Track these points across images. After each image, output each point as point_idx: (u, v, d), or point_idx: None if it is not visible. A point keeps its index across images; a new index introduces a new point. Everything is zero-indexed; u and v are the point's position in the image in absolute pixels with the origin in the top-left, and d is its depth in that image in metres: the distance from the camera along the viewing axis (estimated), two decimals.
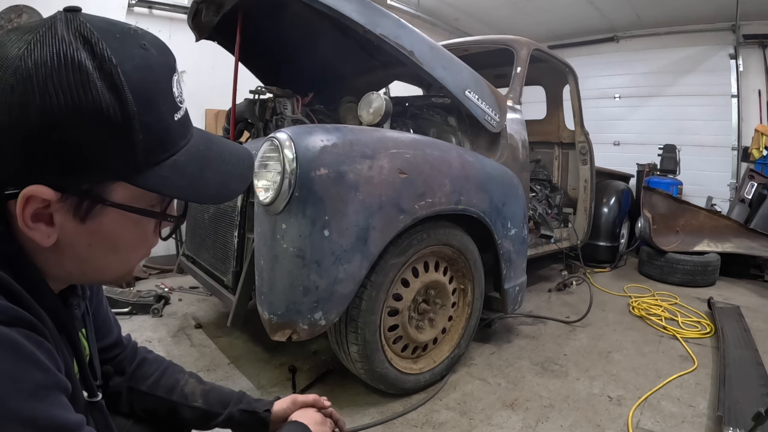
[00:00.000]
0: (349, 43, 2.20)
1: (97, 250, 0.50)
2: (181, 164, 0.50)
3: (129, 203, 0.49)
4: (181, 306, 2.66)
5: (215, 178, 0.54)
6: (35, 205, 0.44)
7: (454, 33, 6.11)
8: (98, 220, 0.48)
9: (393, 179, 1.51)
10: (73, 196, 0.45)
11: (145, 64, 0.46)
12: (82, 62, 0.41)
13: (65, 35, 0.42)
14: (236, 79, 2.17)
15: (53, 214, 0.46)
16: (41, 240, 0.46)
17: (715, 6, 4.94)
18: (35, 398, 0.40)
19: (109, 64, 0.43)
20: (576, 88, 3.45)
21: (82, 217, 0.47)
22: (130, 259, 0.55)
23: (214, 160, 0.55)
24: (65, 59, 0.41)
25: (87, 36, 0.43)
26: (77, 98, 0.41)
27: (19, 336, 0.41)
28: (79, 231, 0.48)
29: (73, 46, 0.42)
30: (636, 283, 3.54)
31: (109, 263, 0.53)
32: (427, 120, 2.42)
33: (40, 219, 0.45)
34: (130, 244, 0.53)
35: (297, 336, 1.43)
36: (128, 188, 0.48)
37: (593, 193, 3.54)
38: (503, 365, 2.06)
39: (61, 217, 0.46)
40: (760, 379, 1.85)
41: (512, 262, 2.05)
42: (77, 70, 0.41)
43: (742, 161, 5.27)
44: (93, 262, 0.51)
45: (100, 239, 0.49)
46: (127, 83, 0.43)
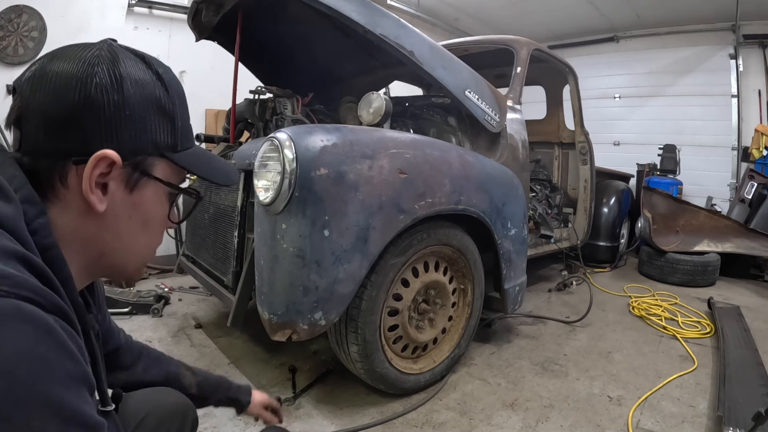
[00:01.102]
0: (349, 43, 2.20)
1: (133, 224, 0.59)
2: (198, 154, 0.65)
3: (166, 179, 0.60)
4: (181, 306, 2.66)
5: (219, 167, 0.69)
6: (102, 168, 0.52)
7: (454, 33, 6.11)
8: (141, 192, 0.58)
9: (393, 179, 1.51)
10: (129, 166, 0.55)
11: (172, 75, 0.62)
12: (140, 64, 0.57)
13: (124, 49, 0.57)
14: (236, 79, 2.17)
15: (109, 183, 0.54)
16: (97, 204, 0.53)
17: (715, 6, 4.94)
18: (64, 386, 0.41)
19: (158, 68, 0.58)
20: (576, 88, 3.45)
21: (131, 187, 0.56)
22: (152, 242, 0.64)
23: (214, 158, 0.70)
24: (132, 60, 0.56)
25: (136, 51, 0.58)
26: (144, 86, 0.55)
27: (55, 323, 0.43)
28: (125, 201, 0.56)
29: (132, 55, 0.57)
30: (636, 283, 3.54)
31: (137, 241, 0.61)
32: (427, 120, 2.42)
33: (99, 186, 0.53)
34: (156, 222, 0.62)
35: (297, 336, 1.42)
36: (166, 167, 0.60)
37: (593, 193, 3.54)
38: (503, 365, 2.06)
39: (115, 186, 0.55)
40: (760, 379, 1.85)
41: (512, 262, 2.05)
42: (141, 68, 0.56)
43: (742, 161, 5.27)
44: (127, 238, 0.59)
45: (138, 212, 0.58)
46: (169, 83, 0.59)
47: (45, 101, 0.51)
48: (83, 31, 3.77)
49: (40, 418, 0.38)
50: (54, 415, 0.40)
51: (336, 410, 1.66)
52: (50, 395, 0.40)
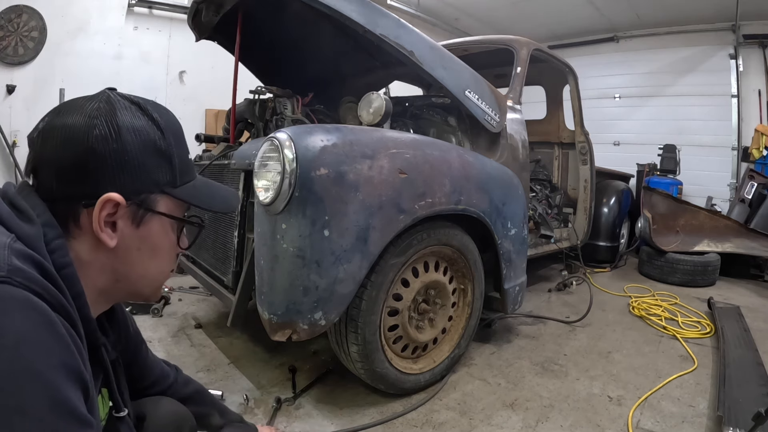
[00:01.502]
0: (349, 43, 2.20)
1: (143, 254, 0.65)
2: (198, 186, 0.71)
3: (168, 213, 0.66)
4: (181, 306, 2.66)
5: (219, 197, 0.76)
6: (108, 209, 0.59)
7: (454, 33, 6.11)
8: (147, 226, 0.64)
9: (393, 179, 1.51)
10: (133, 204, 0.62)
11: (169, 117, 0.68)
12: (135, 112, 0.63)
13: (120, 99, 0.62)
14: (236, 79, 2.17)
15: (117, 221, 0.61)
16: (108, 241, 0.60)
17: (715, 6, 4.94)
18: (59, 373, 0.45)
19: (153, 113, 0.64)
20: (576, 88, 3.45)
21: (137, 223, 0.63)
22: (163, 268, 0.70)
23: (215, 187, 0.77)
24: (128, 109, 0.62)
25: (132, 99, 0.64)
26: (140, 133, 0.61)
27: (58, 320, 0.47)
28: (133, 235, 0.63)
29: (128, 104, 0.63)
30: (636, 283, 3.54)
31: (149, 269, 0.67)
32: (427, 120, 2.42)
33: (108, 225, 0.60)
34: (164, 251, 0.69)
35: (297, 336, 1.42)
36: (168, 201, 0.66)
37: (593, 193, 3.54)
38: (503, 365, 2.06)
39: (122, 223, 0.61)
40: (760, 379, 1.85)
41: (512, 262, 2.05)
42: (136, 116, 0.62)
43: (742, 161, 5.28)
44: (138, 266, 0.65)
45: (146, 243, 0.65)
46: (164, 125, 0.64)
47: (54, 152, 0.58)
48: (83, 31, 3.77)
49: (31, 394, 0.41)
50: (45, 395, 0.42)
51: (336, 410, 1.66)
52: (46, 376, 0.43)
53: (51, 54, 3.61)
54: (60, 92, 3.65)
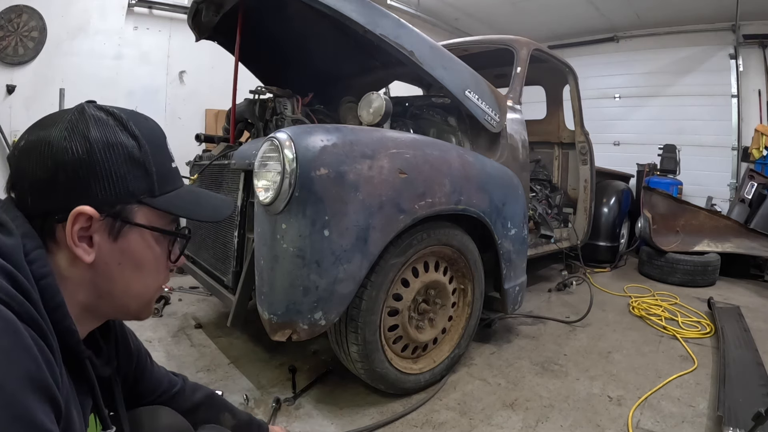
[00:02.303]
0: (350, 43, 2.20)
1: (125, 269, 0.63)
2: (182, 195, 0.69)
3: (148, 224, 0.64)
4: (181, 306, 2.66)
5: (207, 205, 0.73)
6: (81, 223, 0.57)
7: (454, 33, 6.11)
8: (126, 239, 0.62)
9: (393, 179, 1.51)
10: (108, 216, 0.60)
11: (150, 127, 0.66)
12: (111, 124, 0.61)
13: (95, 112, 0.61)
14: (236, 79, 2.17)
15: (93, 235, 0.59)
16: (84, 256, 0.58)
17: (715, 6, 4.94)
18: (21, 384, 0.42)
19: (129, 125, 0.62)
20: (576, 88, 3.45)
21: (115, 236, 0.61)
22: (149, 284, 0.67)
23: (204, 195, 0.75)
24: (101, 123, 0.60)
25: (109, 111, 0.63)
26: (112, 146, 0.60)
27: (25, 331, 0.45)
28: (112, 249, 0.61)
29: (103, 116, 0.61)
30: (636, 283, 3.54)
31: (133, 284, 0.65)
32: (427, 120, 2.42)
33: (83, 240, 0.58)
34: (149, 265, 0.66)
35: (297, 336, 1.42)
36: (148, 212, 0.64)
37: (593, 193, 3.54)
38: (503, 365, 2.06)
39: (99, 237, 0.60)
40: (760, 379, 1.85)
41: (512, 262, 2.05)
42: (109, 128, 0.61)
43: (742, 161, 5.28)
44: (120, 281, 0.63)
45: (127, 257, 0.63)
46: (141, 135, 0.63)
47: (28, 168, 0.58)
48: (83, 31, 3.77)
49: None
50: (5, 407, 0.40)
51: (336, 410, 1.66)
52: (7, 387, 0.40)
53: (51, 54, 3.60)
54: (60, 92, 3.65)
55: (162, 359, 1.97)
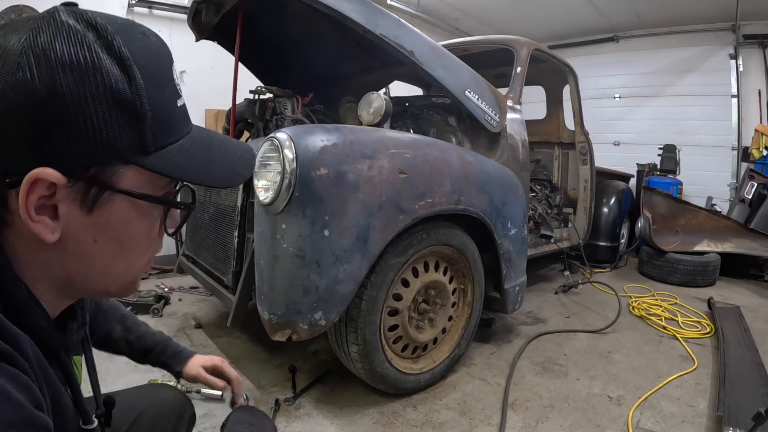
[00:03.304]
0: (349, 43, 2.20)
1: (103, 248, 0.47)
2: (187, 148, 0.50)
3: (138, 190, 0.46)
4: (181, 306, 2.65)
5: (221, 163, 0.53)
6: (40, 191, 0.41)
7: (454, 33, 6.11)
8: (106, 211, 0.45)
9: (393, 179, 1.51)
10: (80, 181, 0.43)
11: (149, 46, 0.47)
12: (89, 41, 0.41)
13: (69, 20, 0.42)
14: (236, 79, 2.17)
15: (58, 205, 0.43)
16: (45, 234, 0.42)
17: (715, 6, 4.94)
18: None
19: (116, 43, 0.42)
20: (576, 88, 3.45)
21: (89, 206, 0.44)
22: (136, 261, 0.52)
23: (217, 147, 0.54)
24: (73, 38, 0.41)
25: (91, 21, 0.43)
26: (87, 74, 0.41)
27: None
28: (85, 224, 0.45)
29: (79, 28, 0.42)
30: (636, 283, 3.54)
31: (115, 264, 0.49)
32: (427, 120, 2.42)
33: (45, 211, 0.42)
34: (136, 241, 0.50)
35: (297, 336, 1.43)
36: (137, 174, 0.46)
37: (593, 193, 3.54)
38: (503, 365, 2.06)
39: (67, 208, 0.43)
40: (760, 379, 1.85)
41: (512, 262, 2.05)
42: (85, 47, 0.41)
43: (742, 161, 5.27)
44: (98, 262, 0.48)
45: (107, 233, 0.46)
46: (134, 61, 0.43)
47: None
48: None
49: None
50: None
51: (336, 410, 1.66)
52: None
53: None
54: None
55: None
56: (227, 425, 0.78)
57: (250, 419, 0.81)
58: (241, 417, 0.81)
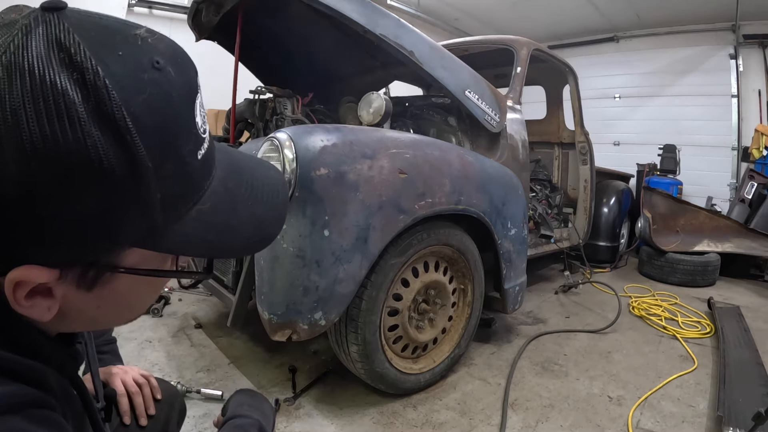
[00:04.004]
0: (349, 43, 2.20)
1: (108, 311, 0.43)
2: (205, 214, 0.40)
3: (143, 266, 0.40)
4: (181, 306, 2.65)
5: (246, 223, 0.44)
6: (27, 287, 0.35)
7: (454, 33, 6.11)
8: (108, 287, 0.39)
9: (393, 179, 1.51)
10: (74, 269, 0.36)
11: (161, 94, 0.34)
12: (68, 100, 0.29)
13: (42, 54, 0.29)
14: (236, 79, 2.17)
15: (52, 288, 0.36)
16: (40, 316, 0.37)
17: (715, 6, 4.94)
18: None
19: (110, 103, 0.30)
20: (576, 88, 3.45)
21: (88, 286, 0.38)
22: (142, 309, 0.48)
23: (243, 199, 0.44)
24: (44, 96, 0.28)
25: (75, 56, 0.29)
26: (64, 155, 0.29)
27: (26, 422, 0.33)
28: (85, 299, 0.39)
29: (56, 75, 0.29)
30: (636, 283, 3.54)
31: (122, 317, 0.46)
32: (427, 120, 2.42)
33: (37, 294, 0.36)
34: (142, 299, 0.46)
35: (297, 336, 1.42)
36: (142, 251, 0.39)
37: (593, 193, 3.54)
38: (503, 365, 2.06)
39: (63, 290, 0.37)
40: (760, 379, 1.85)
41: (512, 262, 2.05)
42: (63, 112, 0.29)
43: (742, 161, 5.28)
44: (104, 320, 0.44)
45: (110, 302, 0.41)
46: (137, 131, 0.32)
47: None
48: None
49: None
50: None
51: (336, 410, 1.66)
52: None
53: None
54: None
55: (162, 359, 1.97)
56: (229, 408, 0.79)
57: (250, 402, 0.83)
58: (242, 399, 0.83)
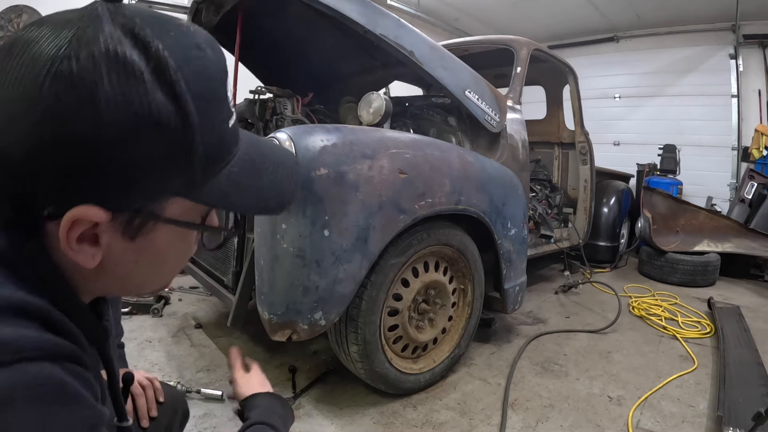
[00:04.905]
0: (349, 43, 2.20)
1: (143, 267, 0.47)
2: (236, 175, 0.47)
3: (182, 218, 0.45)
4: (181, 306, 2.65)
5: (270, 188, 0.51)
6: (82, 228, 0.39)
7: (454, 33, 6.11)
8: (148, 237, 0.44)
9: (393, 179, 1.51)
10: (124, 214, 0.41)
11: (203, 67, 0.42)
12: (136, 66, 0.36)
13: (113, 33, 0.36)
14: (236, 79, 2.17)
15: (100, 234, 0.41)
16: (85, 262, 0.41)
17: (715, 6, 4.94)
18: None
19: (168, 69, 0.38)
20: (576, 88, 3.45)
21: (132, 235, 0.43)
22: (172, 271, 0.52)
23: (265, 168, 0.51)
24: (117, 63, 0.36)
25: (139, 34, 0.37)
26: (133, 108, 0.36)
27: (64, 373, 0.35)
28: (127, 249, 0.44)
29: (125, 47, 0.36)
30: (636, 283, 3.54)
31: (153, 278, 0.50)
32: (427, 120, 2.42)
33: (85, 240, 0.41)
34: (175, 259, 0.51)
35: (297, 336, 1.43)
36: (181, 203, 0.44)
37: (593, 193, 3.54)
38: (503, 365, 2.06)
39: (109, 237, 0.42)
40: (760, 379, 1.85)
41: (512, 262, 2.05)
42: (132, 75, 0.36)
43: (742, 161, 5.28)
44: (137, 278, 0.48)
45: (148, 256, 0.46)
46: (188, 91, 0.39)
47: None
48: None
49: None
50: None
51: (336, 410, 1.66)
52: None
53: None
54: None
55: (162, 359, 1.97)
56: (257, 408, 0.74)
57: (281, 413, 0.76)
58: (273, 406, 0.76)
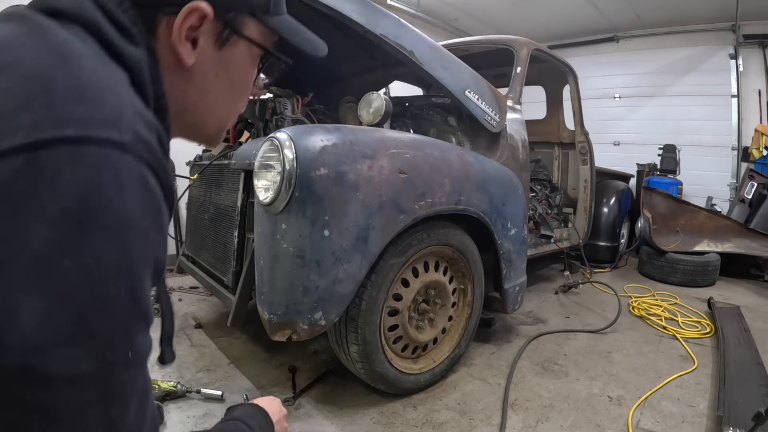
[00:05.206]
0: (349, 43, 2.20)
1: (220, 83, 0.58)
2: (288, 21, 0.63)
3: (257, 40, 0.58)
4: (181, 306, 2.65)
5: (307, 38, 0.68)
6: (193, 19, 0.50)
7: (454, 33, 6.11)
8: (231, 50, 0.56)
9: (393, 179, 1.51)
10: (220, 21, 0.53)
11: None
12: None
13: None
14: None
15: (199, 37, 0.53)
16: (186, 56, 0.52)
17: (715, 6, 4.94)
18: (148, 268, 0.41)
19: None
20: (576, 88, 3.45)
21: (221, 44, 0.55)
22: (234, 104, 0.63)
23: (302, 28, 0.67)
24: None
25: None
26: None
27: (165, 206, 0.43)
28: (213, 58, 0.55)
29: None
30: (636, 283, 3.54)
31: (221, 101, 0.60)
32: (427, 120, 2.42)
33: (188, 39, 0.52)
34: (241, 83, 0.61)
35: (297, 336, 1.43)
36: (257, 28, 0.58)
37: (593, 193, 3.54)
38: (503, 365, 2.06)
39: (205, 41, 0.53)
40: (760, 379, 1.85)
41: (512, 262, 2.05)
42: None
43: (742, 161, 5.27)
44: (212, 94, 0.58)
45: (226, 70, 0.58)
46: None
47: None
48: None
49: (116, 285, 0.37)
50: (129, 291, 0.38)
51: (336, 410, 1.66)
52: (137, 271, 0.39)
53: None
54: None
55: None
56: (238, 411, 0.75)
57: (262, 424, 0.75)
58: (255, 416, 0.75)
